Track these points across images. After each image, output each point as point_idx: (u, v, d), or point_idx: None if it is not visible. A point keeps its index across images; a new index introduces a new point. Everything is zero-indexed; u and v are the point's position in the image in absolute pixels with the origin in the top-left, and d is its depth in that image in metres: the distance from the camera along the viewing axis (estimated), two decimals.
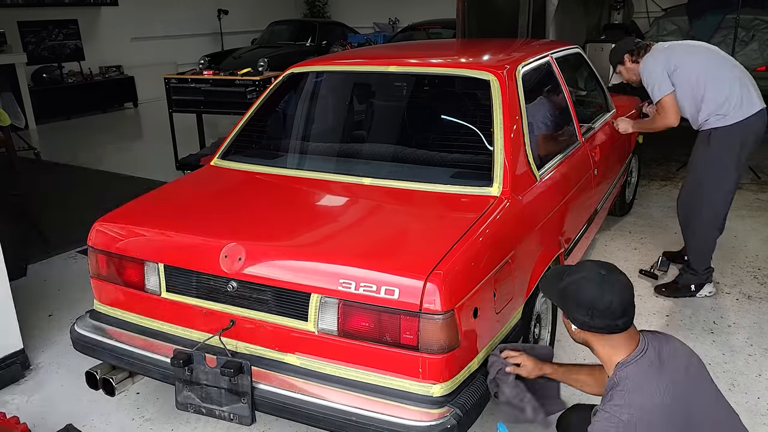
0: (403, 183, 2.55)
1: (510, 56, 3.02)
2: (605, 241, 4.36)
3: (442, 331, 1.86)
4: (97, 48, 10.32)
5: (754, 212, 4.86)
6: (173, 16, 11.47)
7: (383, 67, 3.02)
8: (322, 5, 14.26)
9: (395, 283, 1.89)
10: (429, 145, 2.79)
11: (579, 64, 3.99)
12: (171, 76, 6.17)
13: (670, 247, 4.15)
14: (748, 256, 4.07)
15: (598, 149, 3.41)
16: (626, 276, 1.72)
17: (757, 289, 3.64)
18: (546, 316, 2.81)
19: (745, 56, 6.87)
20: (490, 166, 2.46)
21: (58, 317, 3.53)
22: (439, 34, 9.84)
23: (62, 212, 5.29)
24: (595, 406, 1.70)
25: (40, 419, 2.68)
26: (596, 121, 3.73)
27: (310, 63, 3.29)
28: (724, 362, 2.95)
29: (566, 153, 3.06)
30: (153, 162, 6.86)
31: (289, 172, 2.80)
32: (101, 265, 2.42)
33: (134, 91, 10.60)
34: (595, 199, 3.43)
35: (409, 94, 3.40)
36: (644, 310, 3.43)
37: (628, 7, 9.31)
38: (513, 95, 2.65)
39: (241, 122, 3.10)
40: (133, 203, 2.62)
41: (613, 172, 3.95)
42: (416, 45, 4.77)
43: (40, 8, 9.54)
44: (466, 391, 1.98)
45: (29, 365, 3.07)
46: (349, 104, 3.50)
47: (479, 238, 2.11)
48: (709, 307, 3.45)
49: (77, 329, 2.46)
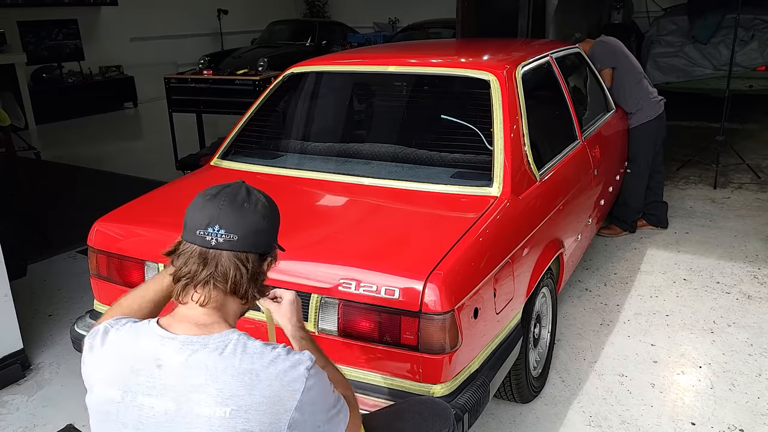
0: (403, 183, 2.55)
1: (510, 56, 3.02)
2: (605, 240, 4.36)
3: (442, 331, 1.86)
4: (96, 48, 10.31)
5: (754, 212, 4.86)
6: (173, 15, 11.46)
7: (383, 66, 3.02)
8: (321, 5, 14.26)
9: (395, 284, 1.89)
10: (429, 145, 2.79)
11: (579, 64, 3.99)
12: (171, 76, 6.17)
13: (670, 246, 4.15)
14: (748, 256, 4.07)
15: (598, 149, 3.41)
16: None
17: (757, 289, 3.64)
18: (546, 316, 2.81)
19: (745, 56, 6.88)
20: (490, 166, 2.46)
21: (58, 317, 3.53)
22: (439, 34, 9.84)
23: (62, 212, 5.29)
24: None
25: (40, 419, 2.68)
26: (596, 121, 3.73)
27: (310, 63, 3.29)
28: (724, 362, 2.95)
29: (566, 153, 3.06)
30: (153, 162, 6.86)
31: (288, 172, 2.80)
32: (101, 265, 2.41)
33: (134, 91, 10.59)
34: (595, 198, 3.43)
35: (409, 94, 3.40)
36: (644, 309, 3.43)
37: (628, 6, 9.31)
38: (513, 95, 2.65)
39: (241, 122, 3.10)
40: (133, 203, 2.62)
41: (613, 171, 3.95)
42: (416, 45, 4.76)
43: (39, 8, 9.52)
44: (467, 391, 1.97)
45: (29, 365, 3.07)
46: (348, 104, 3.50)
47: (479, 238, 2.11)
48: (709, 307, 3.45)
49: (77, 329, 2.46)
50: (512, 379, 2.47)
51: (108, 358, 1.25)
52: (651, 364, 2.95)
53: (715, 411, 2.61)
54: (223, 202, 1.29)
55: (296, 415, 1.18)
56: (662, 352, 3.04)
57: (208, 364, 1.17)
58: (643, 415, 2.60)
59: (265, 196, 1.36)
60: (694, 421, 2.55)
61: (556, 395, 2.74)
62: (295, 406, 1.17)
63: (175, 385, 1.17)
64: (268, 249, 1.33)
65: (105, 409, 1.23)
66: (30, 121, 8.99)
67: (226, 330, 1.25)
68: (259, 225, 1.29)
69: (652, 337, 3.17)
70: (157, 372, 1.19)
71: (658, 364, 2.95)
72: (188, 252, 1.28)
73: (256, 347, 1.21)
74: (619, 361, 2.98)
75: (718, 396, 2.71)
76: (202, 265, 1.26)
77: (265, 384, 1.17)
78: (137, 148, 8.25)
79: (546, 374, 2.82)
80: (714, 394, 2.73)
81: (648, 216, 4.54)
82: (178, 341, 1.21)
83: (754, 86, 7.08)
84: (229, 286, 1.26)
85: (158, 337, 1.22)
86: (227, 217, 1.27)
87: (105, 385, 1.23)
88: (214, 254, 1.26)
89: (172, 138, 6.27)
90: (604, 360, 2.99)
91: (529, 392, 2.62)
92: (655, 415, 2.60)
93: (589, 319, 3.37)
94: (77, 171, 6.74)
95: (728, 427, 2.52)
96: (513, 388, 2.52)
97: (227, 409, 1.14)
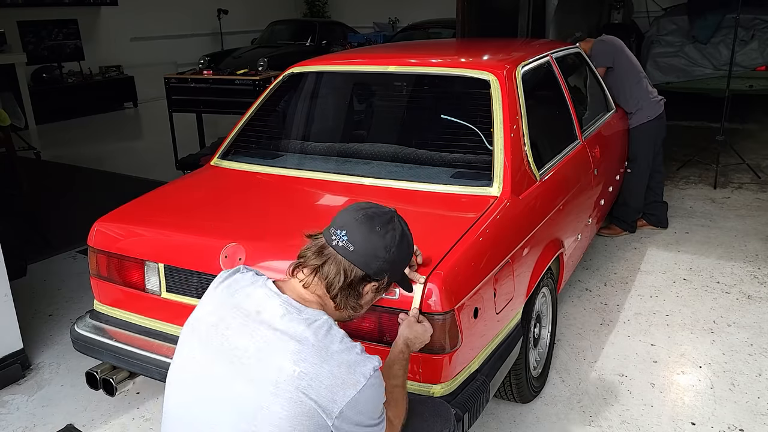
0: (403, 183, 2.55)
1: (510, 56, 3.02)
2: (605, 240, 4.36)
3: (442, 331, 1.85)
4: (96, 48, 10.32)
5: (754, 212, 4.86)
6: (173, 15, 11.46)
7: (383, 66, 3.02)
8: (321, 5, 14.26)
9: None
10: (429, 145, 2.78)
11: (579, 63, 3.99)
12: (171, 76, 6.17)
13: (670, 246, 4.15)
14: (748, 256, 4.07)
15: (598, 149, 3.41)
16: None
17: (757, 289, 3.64)
18: (546, 316, 2.81)
19: (745, 56, 6.88)
20: (490, 166, 2.46)
21: (58, 317, 3.53)
22: (439, 34, 9.84)
23: (62, 212, 5.29)
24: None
25: (40, 419, 2.68)
26: (596, 121, 3.73)
27: (310, 63, 3.28)
28: (724, 362, 2.95)
29: (566, 153, 3.06)
30: (153, 162, 6.86)
31: (289, 172, 2.80)
32: (101, 265, 2.41)
33: (134, 91, 10.59)
34: (595, 198, 3.43)
35: (409, 94, 3.40)
36: (644, 309, 3.43)
37: (628, 6, 9.31)
38: (513, 95, 2.65)
39: (240, 122, 3.10)
40: (133, 203, 2.62)
41: (613, 171, 3.95)
42: (416, 45, 4.76)
43: (39, 8, 9.53)
44: (467, 391, 1.97)
45: (29, 365, 3.07)
46: (348, 104, 3.49)
47: (479, 238, 2.11)
48: (709, 307, 3.45)
49: (77, 329, 2.46)
50: (512, 379, 2.47)
51: (223, 291, 1.44)
52: (651, 363, 2.95)
53: (715, 411, 2.61)
54: (362, 216, 1.46)
55: (350, 406, 1.29)
56: (662, 352, 3.04)
57: (297, 327, 1.32)
58: (643, 415, 2.60)
59: (404, 231, 1.52)
60: (694, 421, 2.55)
61: (556, 395, 2.74)
62: (353, 396, 1.29)
63: (265, 333, 1.32)
64: (378, 276, 1.48)
65: (198, 326, 1.41)
66: (30, 121, 9.00)
67: (321, 311, 1.39)
68: (378, 251, 1.45)
69: (652, 337, 3.17)
70: (255, 316, 1.35)
71: (658, 363, 2.95)
72: (316, 240, 1.47)
73: (340, 333, 1.36)
74: (619, 361, 2.98)
75: (718, 396, 2.71)
76: (316, 255, 1.44)
77: (335, 364, 1.30)
78: (137, 148, 8.25)
79: (546, 374, 2.82)
80: (714, 394, 2.73)
81: (648, 216, 4.54)
82: (282, 299, 1.38)
83: (754, 86, 7.08)
84: (326, 284, 1.43)
85: (269, 290, 1.40)
86: (356, 230, 1.44)
87: (210, 307, 1.42)
88: (330, 252, 1.43)
89: (172, 138, 6.27)
90: (604, 360, 2.99)
91: (529, 392, 2.62)
92: (655, 414, 2.60)
93: (589, 319, 3.37)
94: (77, 171, 6.74)
95: (728, 427, 2.52)
96: (513, 388, 2.52)
97: (297, 368, 1.27)
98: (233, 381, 1.30)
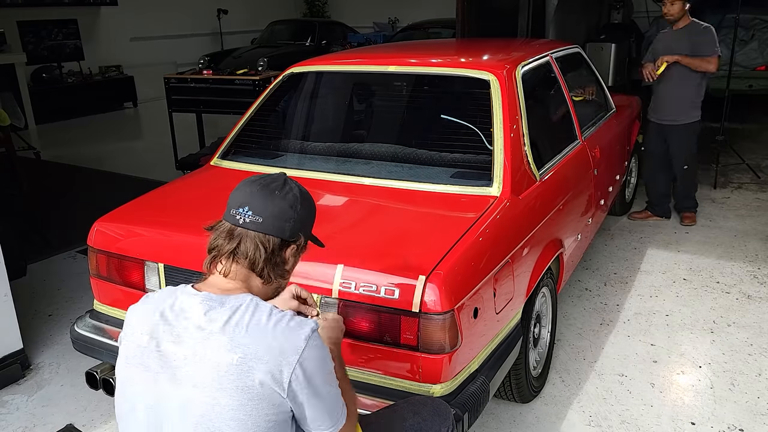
0: (403, 183, 2.55)
1: (510, 56, 3.02)
2: (605, 240, 4.36)
3: (442, 331, 1.86)
4: (96, 48, 10.31)
5: (753, 212, 4.86)
6: (173, 15, 11.46)
7: (383, 66, 3.02)
8: (321, 5, 14.26)
9: (395, 283, 1.89)
10: (429, 144, 2.78)
11: (579, 63, 3.99)
12: (171, 76, 6.16)
13: (670, 246, 4.15)
14: (748, 256, 4.07)
15: (598, 149, 3.41)
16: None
17: (757, 289, 3.64)
18: (546, 316, 2.81)
19: (745, 56, 6.88)
20: (490, 166, 2.46)
21: (58, 317, 3.53)
22: (439, 34, 9.83)
23: (62, 212, 5.29)
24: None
25: (40, 419, 2.68)
26: (596, 121, 3.73)
27: (310, 63, 3.28)
28: (724, 362, 2.95)
29: (566, 153, 3.06)
30: (153, 162, 6.86)
31: (288, 171, 2.75)
32: (101, 265, 2.41)
33: (134, 91, 10.59)
34: (595, 198, 3.43)
35: (409, 94, 3.40)
36: (644, 309, 3.43)
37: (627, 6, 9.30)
38: (513, 95, 2.65)
39: (240, 122, 3.10)
40: (133, 203, 2.62)
41: (613, 171, 3.95)
42: (416, 45, 4.76)
43: (39, 8, 9.53)
44: (466, 391, 1.97)
45: (29, 365, 3.07)
46: (348, 104, 3.49)
47: (479, 238, 2.11)
48: (709, 306, 3.45)
49: (77, 329, 2.46)
50: (512, 378, 2.47)
51: (147, 309, 1.40)
52: (651, 363, 2.95)
53: (715, 411, 2.62)
54: (257, 188, 1.43)
55: (298, 372, 1.26)
56: (662, 352, 3.04)
57: (223, 318, 1.30)
58: (643, 415, 2.60)
59: (301, 189, 1.48)
60: (694, 421, 2.55)
61: (556, 395, 2.74)
62: (297, 361, 1.26)
63: (194, 335, 1.30)
64: (293, 237, 1.44)
65: (132, 353, 1.36)
66: (30, 121, 9.00)
67: (245, 294, 1.36)
68: (285, 213, 1.41)
69: (652, 336, 3.17)
70: (181, 323, 1.33)
71: (658, 363, 2.95)
72: (220, 228, 1.43)
73: (267, 307, 1.33)
74: (619, 360, 2.98)
75: (717, 396, 2.71)
76: (227, 240, 1.40)
77: (271, 337, 1.27)
78: (137, 148, 8.25)
79: (546, 374, 2.82)
80: (714, 393, 2.73)
81: (653, 207, 4.72)
82: (201, 296, 1.35)
83: (754, 86, 7.08)
84: (248, 263, 1.39)
85: (188, 295, 1.37)
86: (257, 201, 1.41)
87: (138, 332, 1.37)
88: (240, 232, 1.40)
89: (172, 138, 6.27)
90: (604, 360, 2.99)
91: (529, 392, 2.62)
92: (655, 414, 2.60)
93: (589, 319, 3.37)
94: (77, 171, 6.74)
95: (728, 427, 2.52)
96: (513, 388, 2.52)
97: (235, 356, 1.25)
98: (180, 392, 1.28)
